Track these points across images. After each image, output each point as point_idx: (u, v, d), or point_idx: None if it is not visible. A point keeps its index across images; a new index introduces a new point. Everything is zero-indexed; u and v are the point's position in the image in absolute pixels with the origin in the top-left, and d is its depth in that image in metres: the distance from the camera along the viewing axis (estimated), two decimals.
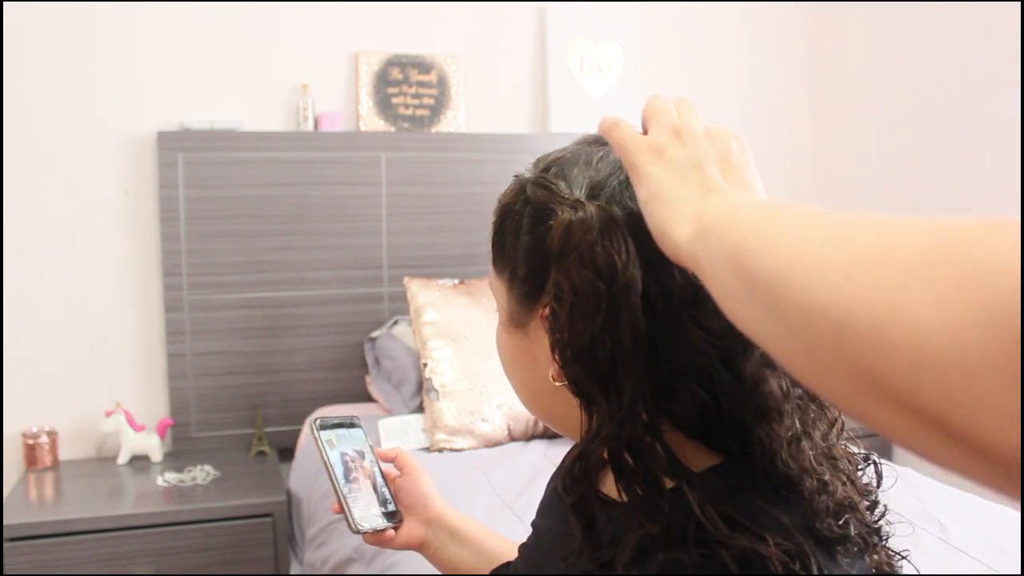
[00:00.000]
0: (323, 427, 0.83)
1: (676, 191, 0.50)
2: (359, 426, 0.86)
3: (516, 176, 0.64)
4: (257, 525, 2.11)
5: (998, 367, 0.27)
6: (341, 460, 0.81)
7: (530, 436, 2.16)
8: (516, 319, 0.62)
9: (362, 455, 0.83)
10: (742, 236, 0.43)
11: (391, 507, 0.82)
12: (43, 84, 2.31)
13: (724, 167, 0.51)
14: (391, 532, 0.81)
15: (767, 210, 0.45)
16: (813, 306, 0.36)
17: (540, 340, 0.59)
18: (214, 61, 2.44)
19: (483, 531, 0.85)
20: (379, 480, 0.83)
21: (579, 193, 0.57)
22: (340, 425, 0.84)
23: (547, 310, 0.57)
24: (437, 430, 2.11)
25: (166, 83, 2.41)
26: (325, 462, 0.80)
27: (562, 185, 0.58)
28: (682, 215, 0.49)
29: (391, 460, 0.86)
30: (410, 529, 0.83)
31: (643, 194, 0.52)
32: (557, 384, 0.58)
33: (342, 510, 0.79)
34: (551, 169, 0.60)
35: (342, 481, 0.79)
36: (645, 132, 0.55)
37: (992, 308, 0.28)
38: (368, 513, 0.79)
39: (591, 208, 0.55)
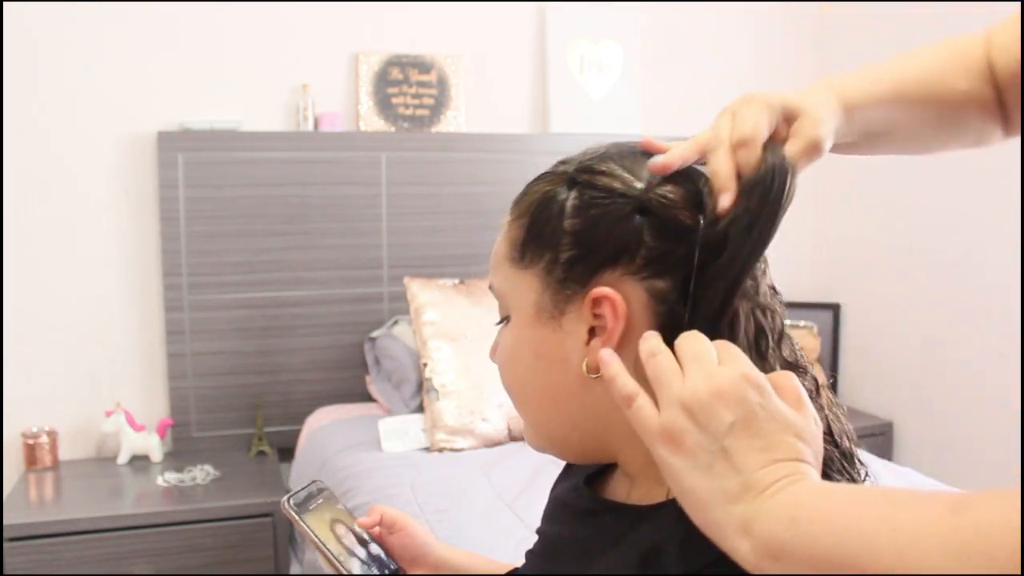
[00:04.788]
0: (298, 504, 0.76)
1: (709, 492, 0.48)
2: (326, 488, 0.80)
3: (549, 173, 0.63)
4: (257, 525, 2.11)
5: None
6: (332, 535, 0.75)
7: None
8: (549, 310, 0.60)
9: (342, 520, 0.78)
10: (815, 550, 0.43)
11: (393, 566, 0.78)
12: (43, 84, 2.31)
13: (750, 436, 0.48)
14: None
15: (817, 506, 0.45)
16: None
17: (575, 331, 0.58)
18: (214, 61, 2.44)
19: (487, 562, 0.84)
20: (367, 538, 0.78)
21: (646, 171, 0.58)
22: (311, 496, 0.78)
23: (602, 290, 0.56)
24: (437, 430, 2.11)
25: (166, 83, 2.40)
26: (317, 544, 0.74)
27: (618, 169, 0.59)
28: (728, 525, 0.47)
29: (375, 524, 0.81)
30: None
31: (674, 488, 0.50)
32: (592, 376, 0.57)
33: None
34: (593, 160, 0.60)
35: (342, 558, 0.74)
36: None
37: None
38: None
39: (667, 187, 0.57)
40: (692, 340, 0.52)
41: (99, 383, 2.40)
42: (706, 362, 0.50)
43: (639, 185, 0.57)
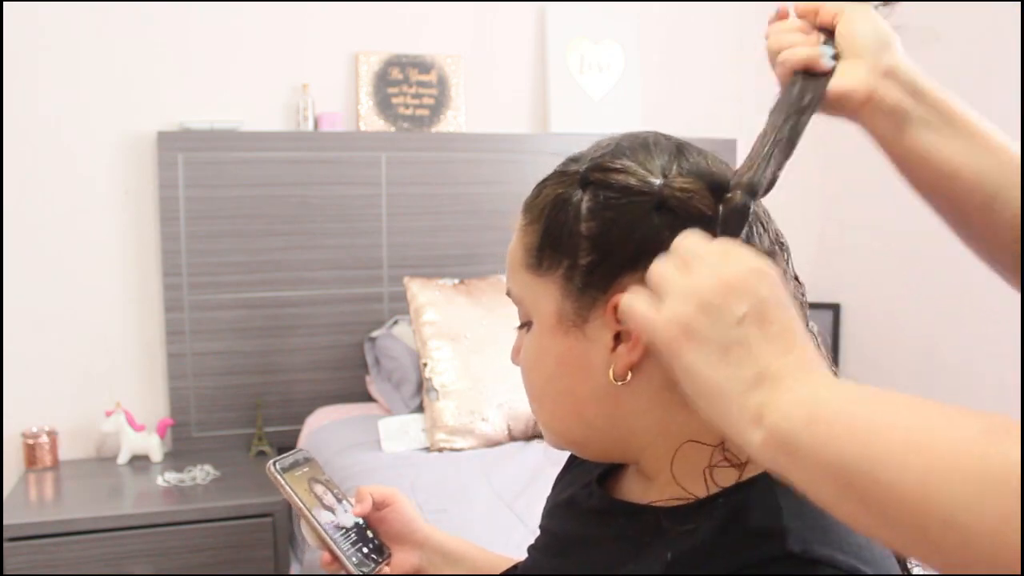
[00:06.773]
0: (284, 469, 0.75)
1: (724, 381, 0.45)
2: (312, 458, 0.80)
3: (560, 173, 0.60)
4: (257, 525, 2.11)
5: None
6: (315, 499, 0.74)
7: (530, 436, 2.16)
8: (572, 319, 0.57)
9: (327, 490, 0.78)
10: (831, 450, 0.41)
11: (376, 541, 0.78)
12: (43, 84, 2.31)
13: (765, 324, 0.46)
14: (385, 568, 0.77)
15: (841, 410, 0.42)
16: (916, 511, 0.38)
17: (600, 338, 0.56)
18: (214, 61, 2.44)
19: (472, 548, 0.83)
20: (351, 512, 0.77)
21: (660, 164, 0.57)
22: (296, 464, 0.77)
23: (624, 295, 0.53)
24: (437, 430, 2.11)
25: (166, 83, 2.41)
26: (303, 511, 0.73)
27: (632, 165, 0.56)
28: (742, 416, 0.45)
29: (369, 510, 0.79)
30: (402, 558, 0.79)
31: (687, 385, 0.47)
32: (619, 384, 0.56)
33: (335, 560, 0.72)
34: (605, 157, 0.58)
35: (329, 528, 0.73)
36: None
37: None
38: (360, 556, 0.74)
39: (679, 180, 0.55)
40: (691, 238, 0.50)
41: (99, 383, 2.40)
42: (711, 257, 0.48)
43: (655, 181, 0.55)
